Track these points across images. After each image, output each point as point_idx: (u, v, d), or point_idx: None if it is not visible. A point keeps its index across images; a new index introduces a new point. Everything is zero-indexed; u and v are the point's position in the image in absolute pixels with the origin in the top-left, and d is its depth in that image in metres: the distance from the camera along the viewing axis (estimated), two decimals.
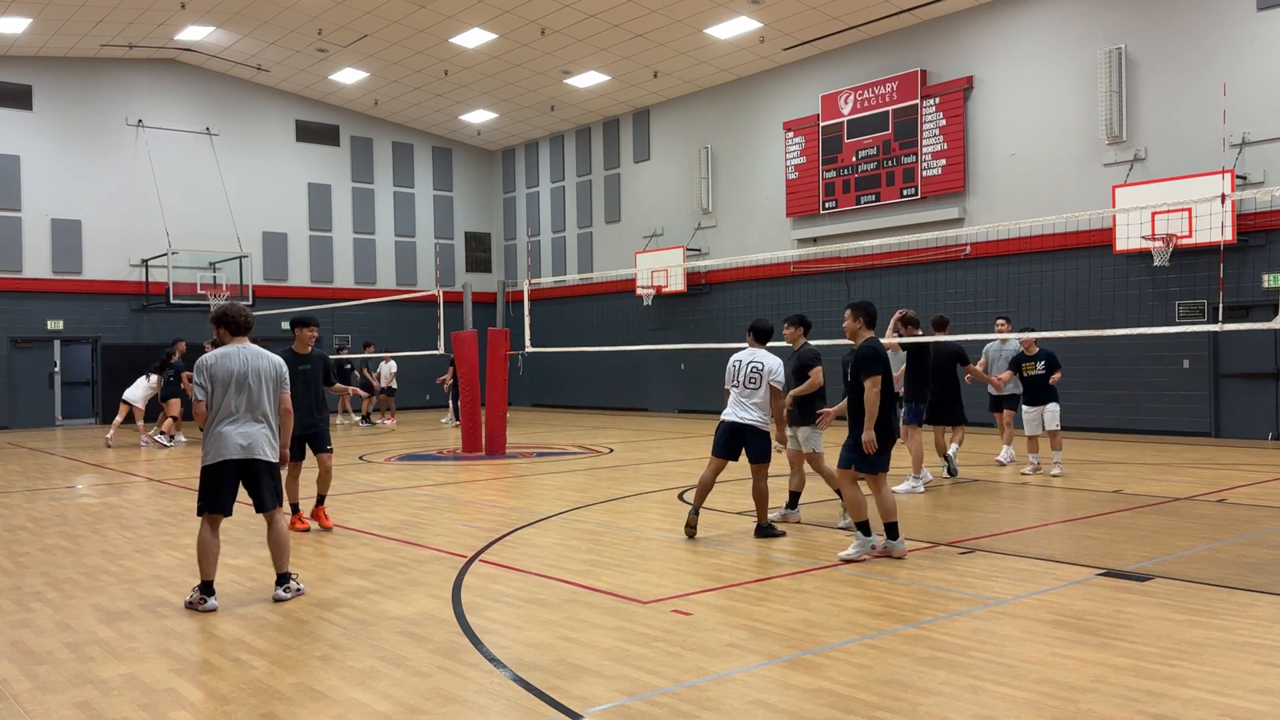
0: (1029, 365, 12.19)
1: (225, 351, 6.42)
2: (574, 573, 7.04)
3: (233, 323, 6.55)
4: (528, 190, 31.28)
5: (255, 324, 6.77)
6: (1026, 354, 12.24)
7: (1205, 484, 11.16)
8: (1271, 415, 16.26)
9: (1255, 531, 8.32)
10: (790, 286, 22.96)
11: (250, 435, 6.30)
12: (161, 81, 26.10)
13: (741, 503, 10.22)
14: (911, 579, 6.69)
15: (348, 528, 9.10)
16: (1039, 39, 19.07)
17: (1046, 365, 12.08)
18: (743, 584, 6.63)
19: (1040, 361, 12.11)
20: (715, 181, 25.25)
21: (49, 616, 6.09)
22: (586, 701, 4.43)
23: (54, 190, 24.57)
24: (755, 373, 8.26)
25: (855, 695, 4.44)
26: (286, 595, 6.44)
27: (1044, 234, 18.32)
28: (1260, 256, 16.09)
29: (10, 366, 24.13)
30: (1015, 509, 9.90)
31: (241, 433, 6.28)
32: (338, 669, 4.97)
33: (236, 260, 25.94)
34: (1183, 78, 17.06)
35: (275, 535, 6.47)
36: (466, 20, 21.86)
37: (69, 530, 9.25)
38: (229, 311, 6.59)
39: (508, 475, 13.22)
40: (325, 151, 28.87)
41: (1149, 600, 6.01)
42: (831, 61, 22.57)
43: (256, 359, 6.42)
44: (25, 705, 4.52)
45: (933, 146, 20.46)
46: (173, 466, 14.89)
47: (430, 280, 29.70)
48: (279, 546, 6.47)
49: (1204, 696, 4.36)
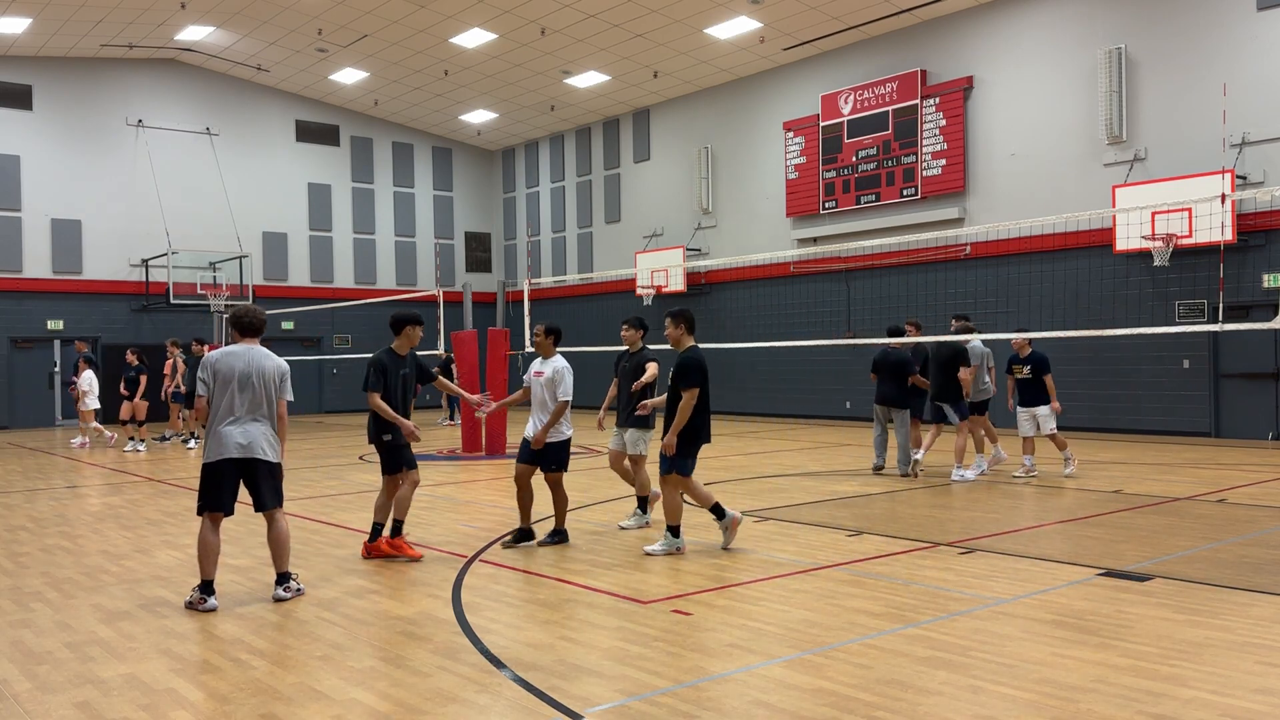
0: (1019, 368, 12.06)
1: (230, 350, 6.45)
2: (574, 573, 7.05)
3: (239, 323, 6.60)
4: (528, 190, 31.28)
5: (266, 327, 6.80)
6: (1019, 356, 12.12)
7: (1205, 484, 11.16)
8: (1271, 415, 16.26)
9: (1255, 531, 8.32)
10: (790, 286, 22.97)
11: (250, 434, 6.30)
12: (161, 81, 26.10)
13: (741, 503, 10.23)
14: (911, 579, 6.69)
15: (348, 528, 9.10)
16: (1039, 39, 19.07)
17: (1034, 369, 11.90)
18: (743, 584, 6.63)
19: (1027, 365, 11.97)
20: (715, 181, 25.25)
21: (49, 616, 6.09)
22: (586, 701, 4.43)
23: (54, 190, 24.57)
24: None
25: (855, 695, 4.44)
26: (286, 595, 6.44)
27: (1044, 234, 18.33)
28: (1260, 256, 16.09)
29: (10, 366, 24.13)
30: (1015, 509, 9.90)
31: (242, 431, 6.29)
32: (338, 669, 4.97)
33: (236, 260, 25.94)
34: (1183, 78, 17.06)
35: (275, 534, 6.47)
36: (466, 20, 21.86)
37: (69, 530, 9.25)
38: (238, 312, 6.67)
39: (508, 475, 13.20)
40: (325, 151, 28.87)
41: (1149, 600, 6.01)
42: (831, 61, 22.57)
43: (262, 360, 6.44)
44: (25, 705, 4.52)
45: (933, 146, 20.46)
46: (173, 467, 14.89)
47: (430, 280, 29.69)
48: (279, 546, 6.47)
49: (1204, 696, 4.36)
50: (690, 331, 7.90)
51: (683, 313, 7.95)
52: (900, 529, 8.58)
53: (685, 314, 7.95)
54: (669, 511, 7.70)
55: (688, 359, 7.64)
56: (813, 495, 10.80)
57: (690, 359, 7.63)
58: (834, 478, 12.35)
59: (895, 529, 8.58)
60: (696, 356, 7.68)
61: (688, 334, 7.86)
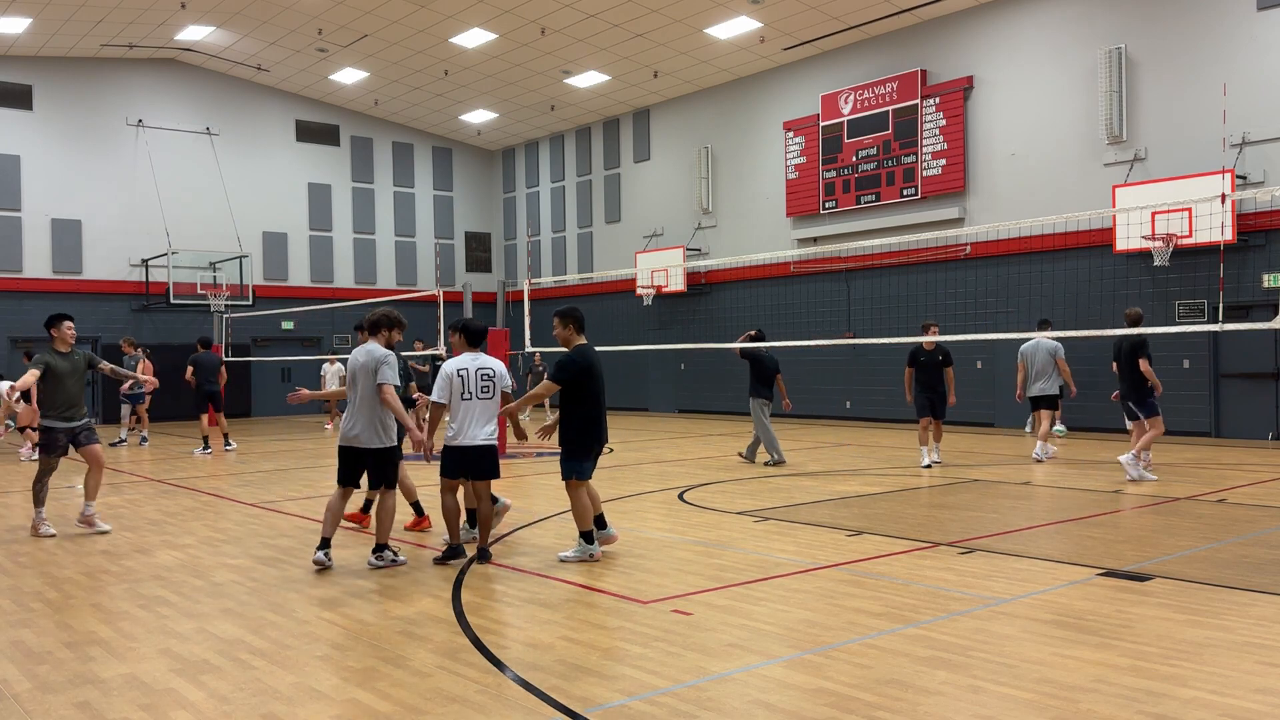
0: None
1: (355, 350, 7.49)
2: (574, 573, 7.05)
3: (364, 324, 7.65)
4: (528, 190, 31.28)
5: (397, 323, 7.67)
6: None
7: (1205, 484, 11.16)
8: (1271, 415, 16.26)
9: (1255, 531, 8.32)
10: (790, 286, 22.97)
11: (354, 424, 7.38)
12: (161, 81, 26.10)
13: (741, 503, 10.23)
14: (911, 579, 6.69)
15: (347, 528, 9.10)
16: (1039, 39, 19.07)
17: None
18: (743, 584, 6.62)
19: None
20: (715, 181, 25.25)
21: (49, 616, 6.09)
22: (586, 701, 4.43)
23: (54, 190, 24.57)
24: (487, 379, 7.48)
25: (855, 695, 4.44)
26: (380, 564, 7.33)
27: (1044, 234, 18.33)
28: (1260, 256, 16.09)
29: (10, 366, 24.11)
30: (1015, 509, 9.89)
31: (349, 422, 7.39)
32: (338, 669, 4.97)
33: (236, 260, 25.95)
34: (1183, 78, 17.06)
35: (377, 510, 7.54)
36: (466, 20, 21.86)
37: (69, 530, 9.25)
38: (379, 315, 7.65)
39: (508, 475, 13.22)
40: (325, 151, 28.87)
41: (1149, 600, 6.01)
42: (831, 61, 22.57)
43: (361, 355, 7.37)
44: (25, 705, 4.52)
45: (933, 146, 20.46)
46: (172, 467, 14.88)
47: (430, 280, 29.70)
48: (380, 521, 7.47)
49: (1204, 696, 4.36)
50: (580, 331, 7.61)
51: (570, 311, 7.64)
52: (900, 529, 8.58)
53: (572, 312, 7.64)
54: (577, 517, 7.47)
55: (567, 357, 7.46)
56: (813, 495, 10.80)
57: (569, 357, 7.44)
58: (834, 478, 12.35)
59: (895, 529, 8.58)
60: (578, 355, 7.47)
61: (577, 333, 7.58)
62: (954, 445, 15.70)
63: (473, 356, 7.53)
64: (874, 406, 21.39)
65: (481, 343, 7.68)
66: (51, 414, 8.95)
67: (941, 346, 13.20)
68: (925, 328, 13.53)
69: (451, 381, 7.38)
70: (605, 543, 7.71)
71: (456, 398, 7.40)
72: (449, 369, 7.42)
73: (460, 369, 7.41)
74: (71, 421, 8.95)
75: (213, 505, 10.76)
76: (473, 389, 7.39)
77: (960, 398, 14.72)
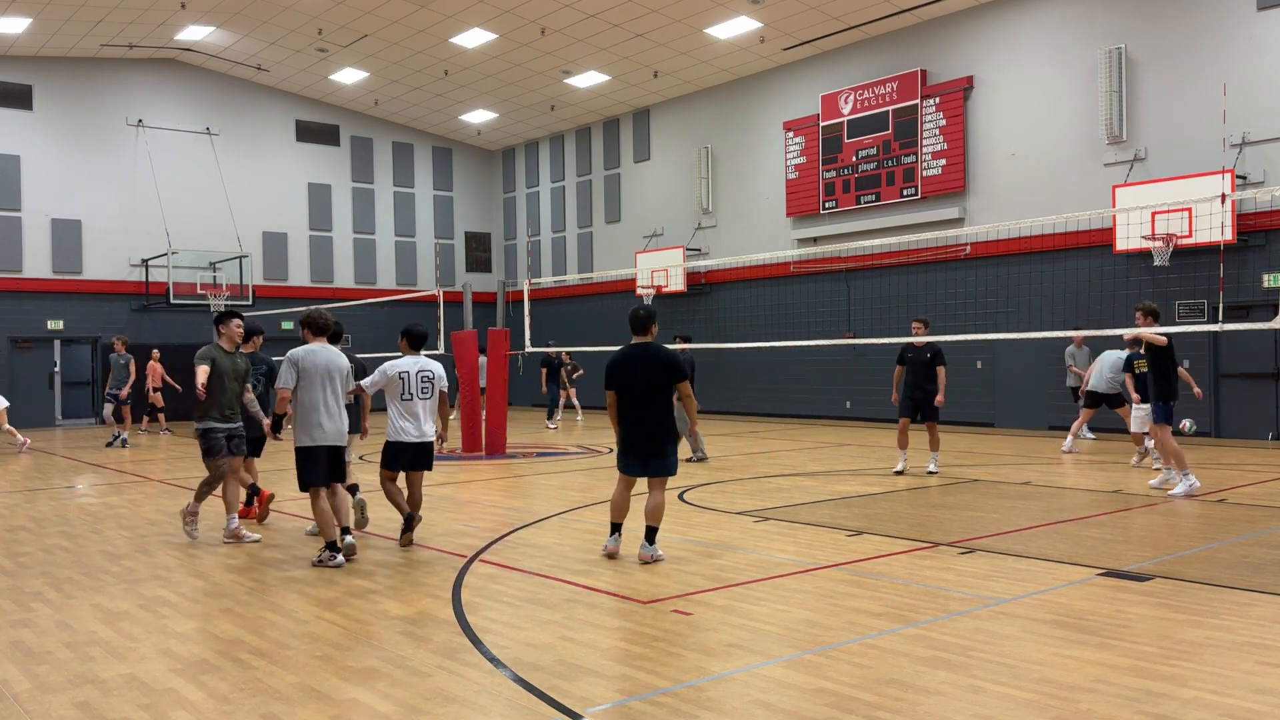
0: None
1: (311, 349, 7.62)
2: (574, 573, 7.05)
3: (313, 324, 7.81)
4: (528, 190, 31.28)
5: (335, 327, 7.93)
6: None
7: (1205, 484, 11.15)
8: (1271, 415, 16.26)
9: (1255, 531, 8.32)
10: (790, 286, 22.97)
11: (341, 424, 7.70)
12: (161, 81, 26.10)
13: (741, 503, 10.23)
14: (911, 579, 6.69)
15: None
16: (1039, 39, 19.07)
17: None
18: (743, 584, 6.62)
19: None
20: (715, 181, 25.25)
21: (49, 616, 6.09)
22: (586, 701, 4.43)
23: (54, 190, 24.57)
24: (427, 381, 8.07)
25: (855, 695, 4.44)
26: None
27: (1044, 234, 18.33)
28: (1260, 256, 16.09)
29: (10, 366, 24.13)
30: (1015, 509, 9.89)
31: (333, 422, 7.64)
32: (338, 669, 4.97)
33: (236, 260, 25.94)
34: (1183, 78, 17.06)
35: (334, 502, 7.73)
36: (466, 20, 21.86)
37: (69, 530, 9.25)
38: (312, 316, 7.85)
39: (508, 475, 13.23)
40: (325, 151, 28.87)
41: (1149, 600, 6.01)
42: (831, 61, 22.57)
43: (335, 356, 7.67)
44: (25, 705, 4.52)
45: (933, 146, 20.46)
46: (173, 467, 14.88)
47: (430, 280, 29.70)
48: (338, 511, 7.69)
49: (1204, 696, 4.36)
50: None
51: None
52: (900, 529, 8.58)
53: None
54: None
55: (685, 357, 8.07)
56: (813, 495, 10.80)
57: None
58: (834, 478, 12.35)
59: (895, 529, 8.58)
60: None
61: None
62: (954, 445, 15.69)
63: (414, 360, 8.11)
64: (874, 406, 21.37)
65: (422, 347, 8.27)
66: (213, 413, 8.43)
67: (933, 344, 12.41)
68: (913, 325, 13.24)
69: (393, 382, 8.00)
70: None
71: (397, 397, 8.01)
72: (391, 370, 8.02)
73: (402, 371, 8.01)
74: (230, 423, 8.50)
75: (213, 505, 10.76)
76: (413, 390, 8.02)
77: (960, 398, 14.70)
